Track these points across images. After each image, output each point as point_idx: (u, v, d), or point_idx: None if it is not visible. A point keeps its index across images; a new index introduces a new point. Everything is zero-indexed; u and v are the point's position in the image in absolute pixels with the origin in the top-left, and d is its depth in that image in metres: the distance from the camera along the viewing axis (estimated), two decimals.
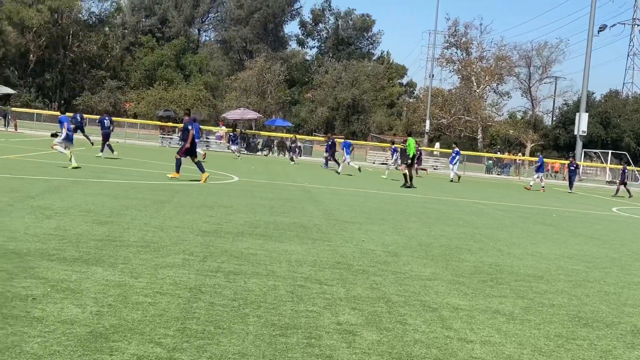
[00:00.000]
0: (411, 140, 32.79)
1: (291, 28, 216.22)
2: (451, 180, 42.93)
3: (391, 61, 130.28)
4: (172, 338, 5.87)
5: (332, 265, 9.92)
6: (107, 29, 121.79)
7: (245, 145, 60.08)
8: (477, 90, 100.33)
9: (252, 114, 74.68)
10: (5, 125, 53.38)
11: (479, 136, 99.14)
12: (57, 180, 18.40)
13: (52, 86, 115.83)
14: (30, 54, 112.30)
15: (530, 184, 43.72)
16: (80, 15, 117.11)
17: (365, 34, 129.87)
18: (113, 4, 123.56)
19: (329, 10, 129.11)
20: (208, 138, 61.82)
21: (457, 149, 45.55)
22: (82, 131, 39.38)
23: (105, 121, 33.09)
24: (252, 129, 76.64)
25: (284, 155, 58.63)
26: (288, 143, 58.16)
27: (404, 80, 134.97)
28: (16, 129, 54.77)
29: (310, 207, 18.10)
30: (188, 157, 22.97)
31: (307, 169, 39.98)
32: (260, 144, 62.52)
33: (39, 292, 6.90)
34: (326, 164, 46.17)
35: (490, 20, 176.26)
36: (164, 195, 17.15)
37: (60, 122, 24.87)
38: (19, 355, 5.12)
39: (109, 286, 7.41)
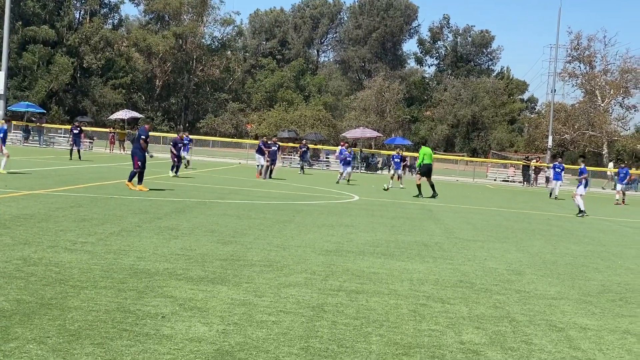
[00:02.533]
0: (425, 150, 30.60)
1: (409, 46, 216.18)
2: (555, 197, 38.66)
3: (511, 77, 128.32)
4: (296, 356, 5.95)
5: (454, 283, 9.84)
6: (229, 52, 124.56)
7: (365, 164, 60.24)
8: (602, 105, 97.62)
9: (371, 133, 74.87)
10: None
11: (604, 151, 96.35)
12: (182, 202, 18.91)
13: (177, 109, 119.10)
14: (156, 79, 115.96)
15: None
16: (204, 40, 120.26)
17: (485, 50, 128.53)
18: (235, 28, 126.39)
19: (448, 28, 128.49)
20: (328, 157, 62.26)
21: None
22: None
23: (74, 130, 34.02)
24: (371, 148, 76.76)
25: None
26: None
27: (525, 96, 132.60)
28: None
29: (431, 225, 18.00)
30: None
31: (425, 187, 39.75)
32: (380, 163, 62.52)
33: (168, 310, 7.11)
34: (301, 169, 45.90)
35: (615, 33, 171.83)
36: (286, 215, 17.38)
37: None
38: None
39: (234, 305, 7.56)
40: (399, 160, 39.67)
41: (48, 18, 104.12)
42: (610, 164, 76.08)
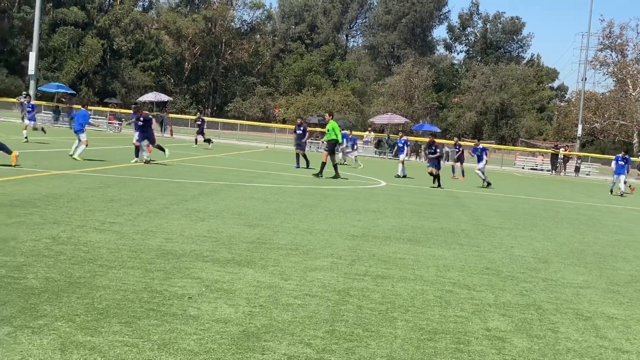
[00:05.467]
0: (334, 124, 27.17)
1: (439, 32, 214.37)
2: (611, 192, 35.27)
3: (541, 64, 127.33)
4: (321, 339, 5.97)
5: (480, 270, 9.82)
6: (258, 36, 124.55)
7: (391, 150, 60.08)
8: (633, 94, 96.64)
9: (399, 119, 74.63)
10: (162, 131, 55.39)
11: (635, 140, 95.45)
12: (210, 184, 18.98)
13: (206, 93, 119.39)
14: (185, 61, 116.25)
15: None
16: (233, 24, 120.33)
17: (515, 37, 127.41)
18: (264, 12, 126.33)
19: (477, 14, 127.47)
20: (356, 143, 62.11)
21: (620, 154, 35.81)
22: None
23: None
24: (399, 134, 76.48)
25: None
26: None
27: (555, 84, 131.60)
28: (172, 135, 56.78)
29: (457, 212, 17.95)
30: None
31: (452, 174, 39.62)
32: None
33: (194, 291, 7.15)
34: (196, 142, 43.03)
35: None
36: (312, 199, 17.40)
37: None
38: (177, 352, 5.33)
39: (260, 287, 7.59)
40: (402, 145, 38.56)
41: (79, 0, 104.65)
42: None
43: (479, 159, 30.47)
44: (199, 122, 43.72)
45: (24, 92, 53.85)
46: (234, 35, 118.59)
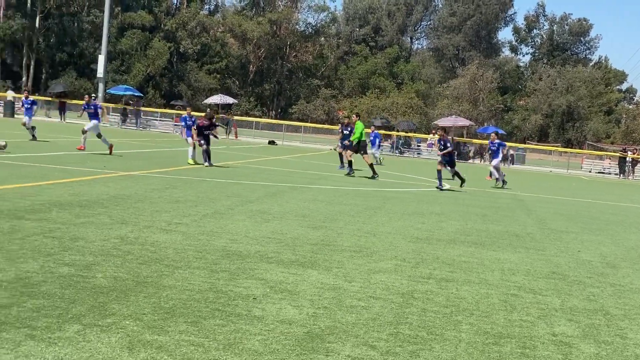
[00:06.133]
0: (360, 125, 27.64)
1: (504, 34, 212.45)
2: None
3: (609, 66, 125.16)
4: (385, 342, 5.96)
5: (546, 275, 9.70)
6: (322, 39, 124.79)
7: (456, 152, 59.69)
8: None
9: (463, 122, 74.09)
10: (226, 133, 55.87)
11: None
12: (274, 186, 19.09)
13: (270, 95, 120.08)
14: (250, 64, 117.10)
15: None
16: (298, 27, 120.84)
17: (582, 39, 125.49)
18: (329, 14, 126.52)
19: (544, 16, 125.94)
20: (419, 145, 61.97)
21: None
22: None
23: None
24: (463, 137, 76.03)
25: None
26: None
27: (623, 86, 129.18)
28: (236, 137, 57.26)
29: (522, 215, 17.75)
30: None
31: (518, 177, 39.15)
32: (472, 152, 61.85)
33: (259, 292, 7.21)
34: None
35: None
36: (376, 202, 17.38)
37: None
38: (241, 352, 5.38)
39: (324, 289, 7.61)
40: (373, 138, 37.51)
41: (146, 3, 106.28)
42: None
43: (495, 155, 28.84)
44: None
45: (92, 95, 54.87)
46: (298, 37, 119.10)
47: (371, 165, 26.03)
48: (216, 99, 73.87)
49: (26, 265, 7.35)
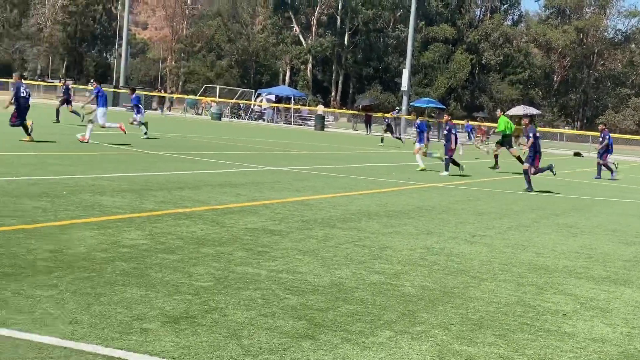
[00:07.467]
0: (502, 119, 28.13)
1: None
2: None
3: None
4: None
5: None
6: (632, 45, 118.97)
7: None
8: None
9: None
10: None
11: None
12: (581, 200, 18.46)
13: (575, 105, 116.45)
14: (554, 74, 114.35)
15: None
16: (606, 34, 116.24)
17: None
18: None
19: None
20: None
21: None
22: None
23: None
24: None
25: None
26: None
27: None
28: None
29: None
30: None
31: None
32: None
33: (569, 308, 6.98)
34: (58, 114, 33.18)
35: None
36: None
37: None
38: None
39: (638, 307, 7.23)
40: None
41: (450, 17, 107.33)
42: None
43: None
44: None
45: (397, 108, 56.55)
46: (606, 45, 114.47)
47: None
48: (519, 109, 72.85)
49: (339, 271, 7.66)
